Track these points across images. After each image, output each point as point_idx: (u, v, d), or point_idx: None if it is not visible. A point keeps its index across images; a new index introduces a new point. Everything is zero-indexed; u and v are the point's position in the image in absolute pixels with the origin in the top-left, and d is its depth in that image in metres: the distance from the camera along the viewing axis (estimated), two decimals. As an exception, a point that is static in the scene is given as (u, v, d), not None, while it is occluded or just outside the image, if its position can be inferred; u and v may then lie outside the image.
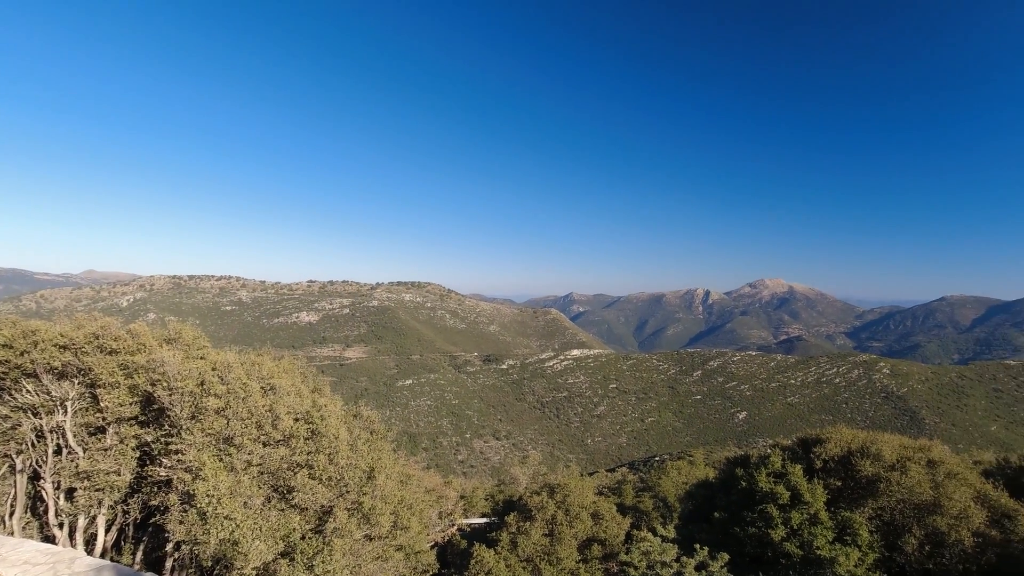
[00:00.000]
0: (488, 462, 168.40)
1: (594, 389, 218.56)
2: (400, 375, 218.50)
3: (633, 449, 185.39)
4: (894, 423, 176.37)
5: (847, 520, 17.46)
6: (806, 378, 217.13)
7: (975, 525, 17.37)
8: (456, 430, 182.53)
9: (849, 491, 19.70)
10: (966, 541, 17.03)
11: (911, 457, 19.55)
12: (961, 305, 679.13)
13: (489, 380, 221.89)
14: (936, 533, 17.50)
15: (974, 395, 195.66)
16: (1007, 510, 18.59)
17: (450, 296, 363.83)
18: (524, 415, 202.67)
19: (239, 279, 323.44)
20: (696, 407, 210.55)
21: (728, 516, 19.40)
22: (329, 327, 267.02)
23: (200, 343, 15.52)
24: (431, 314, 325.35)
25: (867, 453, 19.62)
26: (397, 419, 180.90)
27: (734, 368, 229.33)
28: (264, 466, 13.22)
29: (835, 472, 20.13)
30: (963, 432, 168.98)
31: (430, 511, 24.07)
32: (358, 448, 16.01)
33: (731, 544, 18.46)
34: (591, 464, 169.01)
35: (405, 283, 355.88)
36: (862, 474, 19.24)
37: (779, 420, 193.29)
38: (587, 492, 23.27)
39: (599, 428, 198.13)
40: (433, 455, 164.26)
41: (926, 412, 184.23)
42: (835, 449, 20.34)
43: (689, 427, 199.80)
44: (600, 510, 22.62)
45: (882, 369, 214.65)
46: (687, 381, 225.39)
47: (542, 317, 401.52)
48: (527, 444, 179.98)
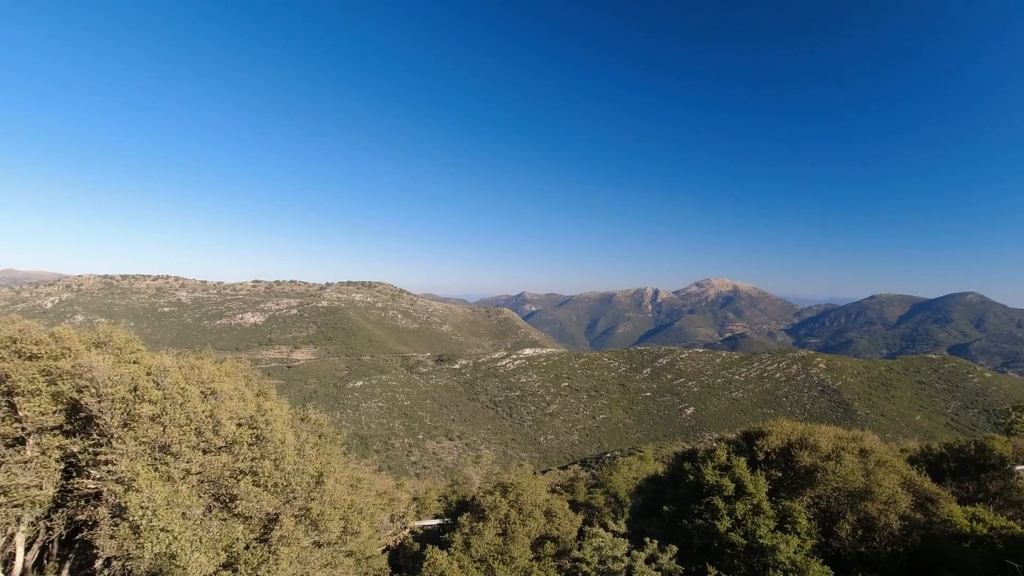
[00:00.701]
0: (441, 463, 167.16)
1: (546, 388, 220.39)
2: (351, 376, 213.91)
3: (585, 446, 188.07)
4: (830, 415, 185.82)
5: (787, 509, 18.21)
6: (749, 374, 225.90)
7: (902, 509, 18.46)
8: (408, 431, 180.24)
9: (789, 481, 20.57)
10: (894, 525, 18.07)
11: (845, 447, 20.59)
12: (889, 303, 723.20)
13: (442, 380, 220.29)
14: (867, 518, 18.49)
15: (900, 387, 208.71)
16: (930, 494, 19.86)
17: (402, 296, 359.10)
18: (477, 415, 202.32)
19: (178, 279, 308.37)
20: (646, 404, 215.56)
21: (677, 509, 19.90)
22: (276, 328, 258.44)
23: (133, 346, 14.63)
24: (382, 314, 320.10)
25: (805, 445, 20.54)
26: (348, 421, 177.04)
27: (682, 365, 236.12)
28: (205, 474, 12.60)
29: (776, 463, 20.98)
30: (891, 422, 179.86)
31: (381, 515, 23.62)
32: (306, 452, 15.52)
33: (680, 536, 18.95)
34: (544, 462, 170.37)
35: (356, 283, 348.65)
36: (801, 465, 20.13)
37: (724, 415, 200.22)
38: (540, 490, 23.38)
39: (552, 426, 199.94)
40: (385, 457, 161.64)
41: (858, 404, 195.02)
42: (776, 442, 21.20)
43: (639, 423, 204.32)
44: (553, 508, 22.76)
45: (819, 364, 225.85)
46: (637, 378, 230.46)
47: (495, 317, 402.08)
48: (480, 444, 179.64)
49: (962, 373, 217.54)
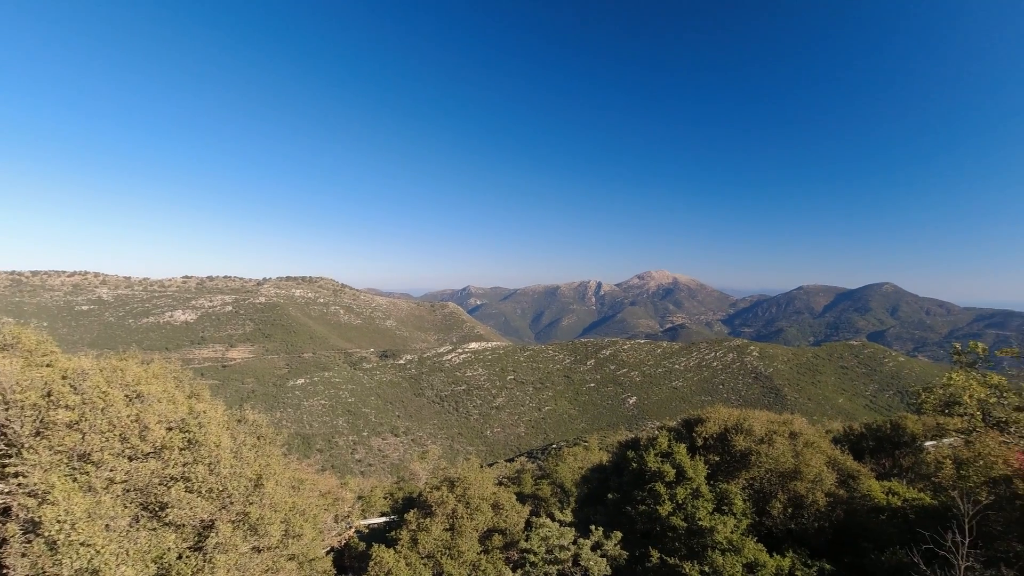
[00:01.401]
0: (387, 460, 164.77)
1: (492, 381, 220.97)
2: (291, 374, 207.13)
3: (531, 438, 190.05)
4: (762, 400, 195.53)
5: (724, 492, 19.01)
6: (688, 363, 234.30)
7: (827, 487, 19.64)
8: (353, 429, 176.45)
9: (726, 465, 21.48)
10: (820, 502, 19.21)
11: (777, 431, 21.69)
12: (815, 293, 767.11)
13: (386, 376, 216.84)
14: (797, 497, 19.56)
15: (825, 372, 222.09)
16: (851, 471, 21.23)
17: (344, 291, 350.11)
18: (423, 410, 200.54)
19: (98, 275, 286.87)
20: (590, 394, 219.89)
21: (621, 496, 20.40)
22: (209, 326, 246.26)
23: (46, 348, 13.48)
24: (324, 310, 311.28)
25: (740, 429, 21.50)
26: (289, 421, 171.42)
27: (625, 356, 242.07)
28: (131, 483, 11.82)
29: (714, 448, 21.86)
30: (817, 405, 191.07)
31: (325, 515, 23.00)
32: (243, 455, 14.86)
33: (624, 522, 19.44)
34: (491, 455, 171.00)
35: (295, 278, 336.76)
36: (737, 448, 21.06)
37: (666, 403, 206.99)
38: (487, 483, 23.42)
39: (498, 419, 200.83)
40: (329, 456, 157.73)
41: (788, 389, 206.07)
42: (714, 428, 22.08)
43: (584, 414, 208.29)
44: (500, 500, 22.85)
45: (752, 352, 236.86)
46: (581, 370, 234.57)
47: (440, 311, 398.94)
48: (427, 439, 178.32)
49: (879, 358, 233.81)
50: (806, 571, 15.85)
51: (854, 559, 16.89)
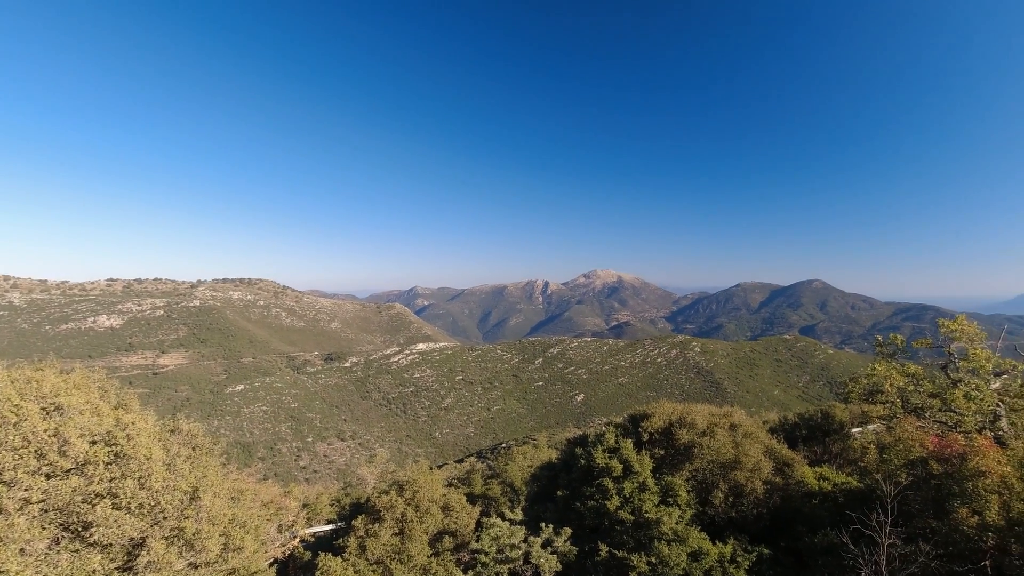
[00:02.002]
0: (333, 465, 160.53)
1: (441, 382, 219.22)
2: (229, 380, 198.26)
3: (481, 438, 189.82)
4: (704, 394, 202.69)
5: (669, 484, 19.56)
6: (634, 360, 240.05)
7: (765, 475, 20.54)
8: (296, 435, 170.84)
9: (670, 458, 22.11)
10: (759, 490, 20.06)
11: (718, 423, 22.51)
12: (752, 290, 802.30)
13: (332, 379, 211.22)
14: (737, 486, 20.36)
15: (762, 365, 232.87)
16: (786, 459, 22.29)
17: (286, 293, 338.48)
18: (370, 413, 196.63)
19: (7, 278, 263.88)
20: (539, 393, 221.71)
21: (570, 493, 20.64)
22: (138, 332, 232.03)
23: (-51, 359, 12.34)
24: (265, 313, 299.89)
25: (684, 423, 22.18)
26: (227, 429, 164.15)
27: (572, 354, 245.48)
28: (49, 502, 10.97)
29: (659, 442, 22.45)
30: (755, 397, 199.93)
31: (268, 526, 22.13)
32: (177, 467, 14.08)
33: (574, 518, 19.67)
34: (440, 456, 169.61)
35: (233, 280, 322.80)
36: (680, 442, 21.71)
37: (612, 399, 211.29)
38: (436, 485, 23.17)
39: (447, 420, 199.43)
40: (271, 464, 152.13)
41: (728, 383, 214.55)
42: (659, 422, 22.68)
43: (533, 412, 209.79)
44: (450, 502, 22.66)
45: (694, 348, 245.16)
46: (529, 369, 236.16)
47: (386, 312, 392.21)
48: (374, 443, 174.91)
49: (810, 351, 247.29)
50: (746, 556, 16.51)
51: (790, 542, 17.74)
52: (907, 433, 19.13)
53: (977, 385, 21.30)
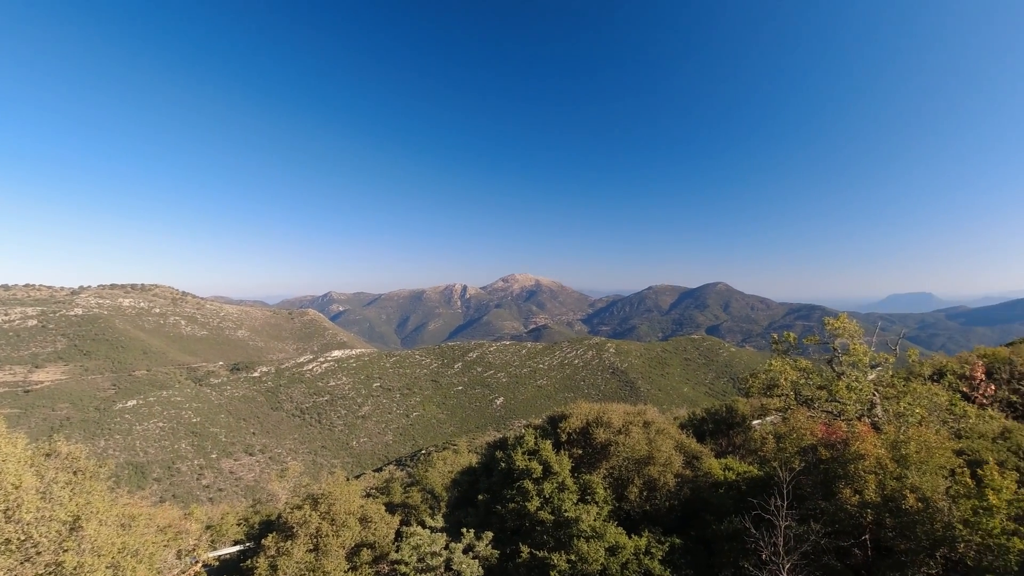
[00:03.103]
0: (240, 482, 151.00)
1: (357, 390, 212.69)
2: (119, 396, 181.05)
3: (400, 445, 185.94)
4: (619, 393, 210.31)
5: (588, 482, 20.03)
6: (552, 362, 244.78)
7: (676, 469, 21.54)
8: (199, 452, 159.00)
9: (588, 456, 22.66)
10: (671, 483, 21.00)
11: (632, 421, 23.35)
12: (663, 293, 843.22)
13: (239, 391, 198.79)
14: (651, 480, 21.20)
15: (673, 364, 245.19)
16: (695, 453, 23.51)
17: (186, 300, 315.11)
18: (282, 425, 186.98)
19: None
20: (458, 397, 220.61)
21: (491, 496, 20.61)
22: (5, 345, 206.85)
23: None
24: (161, 321, 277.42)
25: (601, 423, 22.82)
26: (117, 449, 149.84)
27: (491, 358, 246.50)
28: None
29: (577, 442, 22.95)
30: (666, 395, 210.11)
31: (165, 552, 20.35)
32: (55, 495, 12.62)
33: (495, 522, 19.65)
34: (358, 466, 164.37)
35: (123, 286, 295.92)
36: (598, 441, 22.31)
37: (532, 402, 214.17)
38: (354, 497, 22.37)
39: (364, 429, 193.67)
40: (169, 485, 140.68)
41: (641, 382, 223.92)
42: (577, 423, 23.19)
43: (453, 417, 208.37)
44: (368, 513, 21.96)
45: (609, 349, 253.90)
46: (449, 373, 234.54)
47: (299, 319, 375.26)
48: (286, 456, 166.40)
49: (716, 350, 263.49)
50: (660, 547, 17.21)
51: (699, 531, 18.70)
52: (799, 423, 20.79)
53: (857, 377, 23.54)
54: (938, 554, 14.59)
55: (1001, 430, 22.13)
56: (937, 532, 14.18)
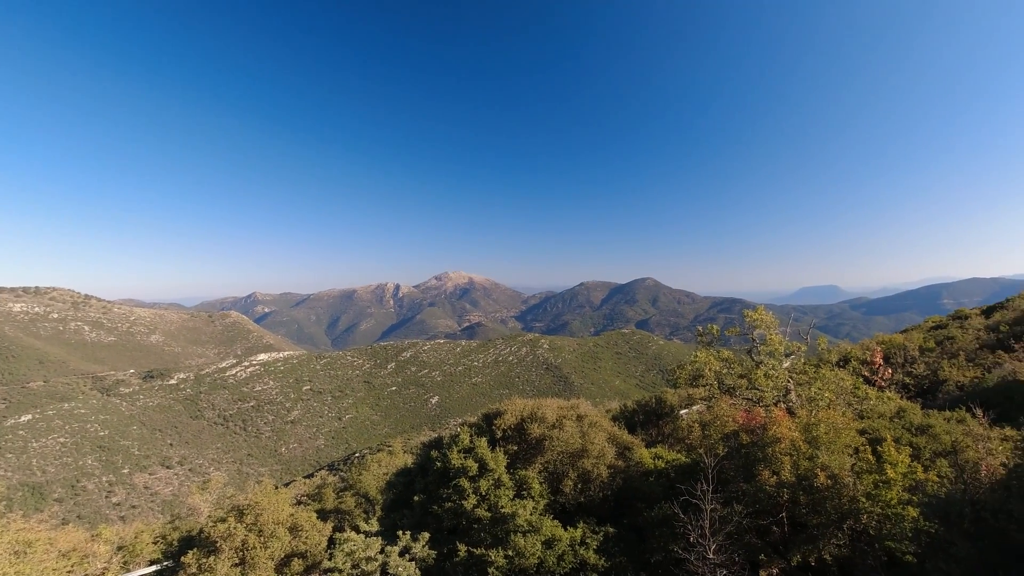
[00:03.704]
0: (157, 497, 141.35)
1: (286, 394, 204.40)
2: (11, 411, 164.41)
3: (332, 450, 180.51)
4: (554, 388, 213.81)
5: (523, 477, 20.20)
6: (486, 359, 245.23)
7: (609, 460, 22.12)
8: (107, 467, 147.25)
9: (524, 452, 22.85)
10: (604, 474, 21.54)
11: (566, 415, 23.76)
12: (594, 289, 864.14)
13: (153, 400, 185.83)
14: (585, 473, 21.66)
15: (604, 358, 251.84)
16: (627, 444, 24.24)
17: (89, 303, 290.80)
18: (203, 434, 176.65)
19: None
20: (392, 398, 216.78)
21: (427, 497, 20.39)
22: None
23: None
24: (60, 327, 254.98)
25: (535, 418, 23.07)
26: (9, 469, 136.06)
27: (425, 357, 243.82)
28: None
29: (513, 438, 23.09)
30: (599, 388, 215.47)
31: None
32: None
33: (431, 522, 19.46)
34: (287, 473, 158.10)
35: (12, 289, 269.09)
36: (532, 436, 22.54)
37: (467, 400, 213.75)
38: (283, 505, 21.46)
39: (294, 434, 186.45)
40: (73, 505, 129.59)
41: (575, 376, 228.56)
42: (511, 419, 23.32)
43: (387, 418, 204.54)
44: (299, 521, 21.15)
45: (543, 345, 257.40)
46: (382, 374, 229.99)
47: (220, 321, 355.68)
48: (209, 467, 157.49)
49: (645, 343, 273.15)
50: (594, 537, 17.63)
51: (632, 519, 19.31)
52: (722, 411, 21.91)
53: (773, 365, 25.10)
54: (845, 526, 15.83)
55: (897, 410, 24.24)
56: (844, 506, 15.36)
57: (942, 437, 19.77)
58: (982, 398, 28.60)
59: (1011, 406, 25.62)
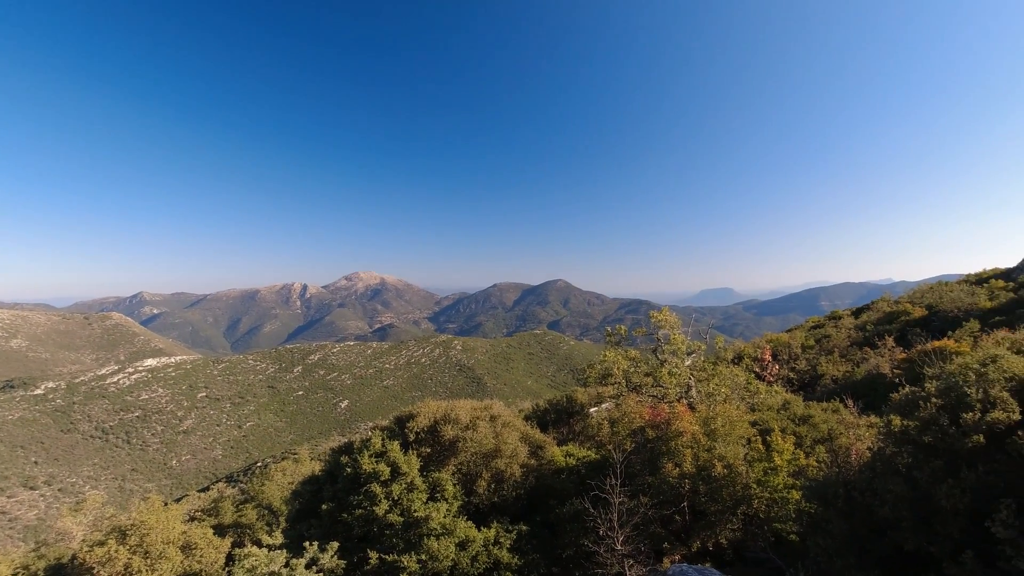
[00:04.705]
0: (17, 523, 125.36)
1: (178, 402, 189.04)
2: None
3: (231, 460, 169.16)
4: (467, 390, 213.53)
5: (437, 480, 19.97)
6: (399, 361, 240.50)
7: (522, 459, 22.38)
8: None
9: (437, 454, 22.59)
10: (517, 473, 21.76)
11: (479, 416, 23.77)
12: (507, 290, 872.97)
13: (13, 412, 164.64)
14: (498, 473, 21.77)
15: (517, 359, 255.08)
16: (539, 442, 24.65)
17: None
18: (76, 449, 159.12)
19: None
20: (299, 403, 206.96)
21: (336, 504, 19.61)
22: None
23: None
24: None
25: (449, 420, 22.89)
26: None
27: (334, 359, 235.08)
28: None
29: (426, 441, 22.75)
30: (511, 388, 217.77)
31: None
32: None
33: (341, 530, 18.75)
34: (179, 488, 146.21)
35: None
36: (446, 438, 22.35)
37: (379, 403, 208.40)
38: (173, 523, 19.78)
39: (187, 445, 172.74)
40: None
41: (488, 377, 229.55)
42: (425, 421, 22.99)
43: (293, 425, 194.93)
44: (192, 539, 19.60)
45: (456, 346, 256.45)
46: (288, 378, 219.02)
47: (99, 324, 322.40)
48: (84, 485, 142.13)
49: (557, 344, 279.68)
50: (508, 536, 17.76)
51: (544, 516, 19.66)
52: (630, 408, 22.86)
53: (676, 363, 26.55)
54: (739, 511, 17.05)
55: (783, 402, 26.48)
56: (738, 493, 16.54)
57: (820, 426, 21.84)
58: (853, 390, 31.99)
59: (876, 396, 28.85)
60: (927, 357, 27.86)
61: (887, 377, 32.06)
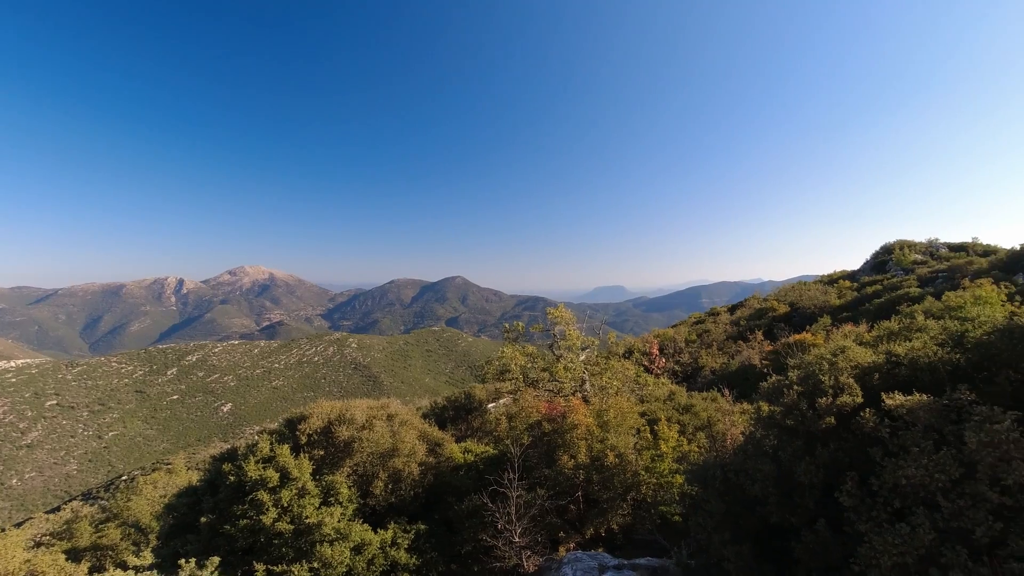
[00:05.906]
0: None
1: (20, 412, 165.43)
2: None
3: (89, 475, 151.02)
4: (363, 389, 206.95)
5: (331, 483, 19.13)
6: (289, 360, 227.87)
7: (420, 458, 22.07)
8: None
9: (331, 456, 21.64)
10: (415, 472, 21.42)
11: (376, 415, 23.11)
12: (405, 286, 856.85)
13: None
14: (396, 472, 21.29)
15: (415, 356, 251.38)
16: (438, 440, 24.44)
17: None
18: None
19: None
20: (173, 408, 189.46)
21: (217, 516, 18.16)
22: None
23: None
24: None
25: (343, 420, 22.03)
26: None
27: (216, 360, 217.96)
28: None
29: (319, 443, 21.72)
30: (409, 386, 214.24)
31: None
32: None
33: (222, 544, 17.39)
34: (22, 510, 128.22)
35: None
36: (340, 439, 21.48)
37: (266, 405, 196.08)
38: (13, 551, 17.28)
39: (31, 461, 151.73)
40: None
41: (385, 375, 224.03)
42: (317, 422, 21.95)
43: (166, 432, 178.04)
44: (39, 568, 17.23)
45: (351, 344, 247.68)
46: (160, 381, 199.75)
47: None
48: None
49: (455, 340, 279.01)
50: (405, 537, 17.42)
51: (443, 514, 19.53)
52: (527, 403, 23.34)
53: (571, 358, 27.48)
54: (629, 497, 18.00)
55: (669, 393, 28.34)
56: (628, 480, 17.46)
57: (701, 414, 23.62)
58: (728, 380, 34.93)
59: (747, 386, 31.71)
60: (790, 349, 31.16)
61: (757, 368, 35.41)
